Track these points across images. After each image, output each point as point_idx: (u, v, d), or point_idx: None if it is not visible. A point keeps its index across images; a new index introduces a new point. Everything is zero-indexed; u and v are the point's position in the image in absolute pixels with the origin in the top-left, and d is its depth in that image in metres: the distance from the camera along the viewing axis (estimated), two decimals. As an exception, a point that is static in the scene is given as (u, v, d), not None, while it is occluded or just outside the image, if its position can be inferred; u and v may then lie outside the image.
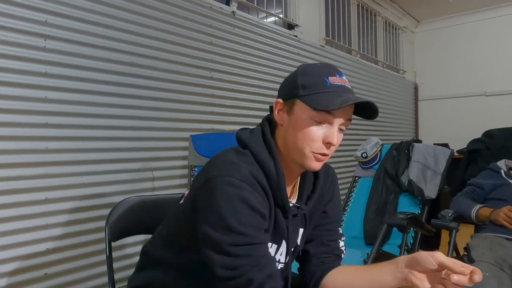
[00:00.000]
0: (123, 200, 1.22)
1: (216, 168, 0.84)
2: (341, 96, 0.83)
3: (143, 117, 2.43)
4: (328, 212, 1.04)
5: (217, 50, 2.91)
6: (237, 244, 0.78)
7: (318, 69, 0.88)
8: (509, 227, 1.67)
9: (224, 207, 0.78)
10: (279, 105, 0.89)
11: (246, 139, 0.90)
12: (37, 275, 1.98)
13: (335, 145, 0.86)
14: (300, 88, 0.85)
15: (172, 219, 0.98)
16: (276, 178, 0.87)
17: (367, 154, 2.36)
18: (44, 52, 1.99)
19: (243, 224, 0.78)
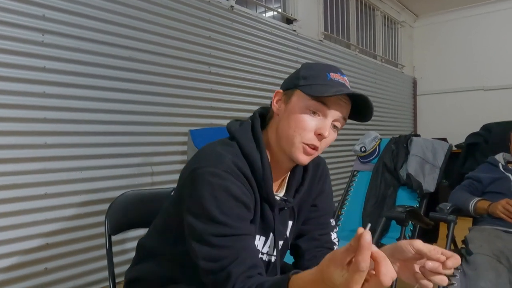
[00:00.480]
0: (123, 194, 1.22)
1: (201, 159, 0.85)
2: (338, 88, 0.84)
3: (142, 112, 2.43)
4: (318, 206, 1.04)
5: (216, 44, 2.90)
6: (220, 234, 0.78)
7: (321, 65, 0.91)
8: (507, 220, 1.68)
9: (207, 197, 0.78)
10: (278, 95, 0.91)
11: (235, 131, 0.91)
12: (37, 269, 1.99)
13: (326, 137, 0.85)
14: (301, 79, 0.87)
15: (164, 211, 0.99)
16: (261, 171, 0.86)
17: (365, 148, 2.37)
18: (42, 47, 1.98)
19: (226, 214, 0.78)
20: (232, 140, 0.90)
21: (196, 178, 0.81)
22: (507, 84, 5.22)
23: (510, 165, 1.95)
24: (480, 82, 5.45)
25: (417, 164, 2.19)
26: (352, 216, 2.23)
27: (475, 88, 5.49)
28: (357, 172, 2.42)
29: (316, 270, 0.61)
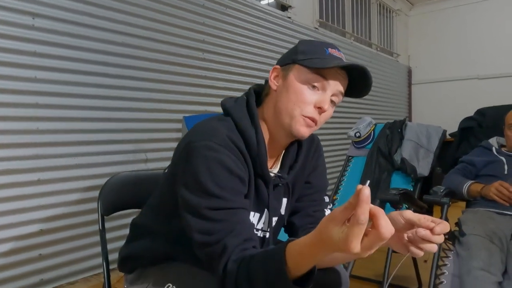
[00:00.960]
0: (116, 175, 1.21)
1: (195, 133, 0.84)
2: (336, 61, 0.85)
3: (135, 98, 2.41)
4: (312, 183, 1.04)
5: (210, 30, 2.87)
6: (215, 207, 0.77)
7: (319, 41, 0.91)
8: (499, 202, 1.69)
9: (202, 170, 0.78)
10: (276, 71, 0.90)
11: (229, 107, 0.90)
12: (32, 255, 1.98)
13: (325, 111, 0.85)
14: (300, 54, 0.87)
15: (158, 189, 0.99)
16: (256, 147, 0.86)
17: (360, 133, 2.37)
18: (33, 31, 1.95)
19: (221, 187, 0.78)
20: (227, 116, 0.89)
21: (190, 151, 0.80)
22: (501, 73, 5.24)
23: (503, 148, 1.95)
24: (474, 71, 5.47)
25: (412, 148, 2.20)
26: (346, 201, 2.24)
27: (470, 77, 5.51)
28: (352, 157, 2.42)
29: (314, 232, 0.61)
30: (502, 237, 1.52)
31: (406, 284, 2.14)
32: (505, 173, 1.81)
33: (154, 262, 0.97)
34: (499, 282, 1.36)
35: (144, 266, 0.99)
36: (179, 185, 0.81)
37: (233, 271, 0.73)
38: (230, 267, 0.73)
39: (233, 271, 0.73)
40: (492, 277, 1.35)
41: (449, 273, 1.52)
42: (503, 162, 1.85)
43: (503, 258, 1.45)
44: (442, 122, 4.88)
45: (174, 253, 0.95)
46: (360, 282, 2.07)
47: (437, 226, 0.68)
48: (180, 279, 0.90)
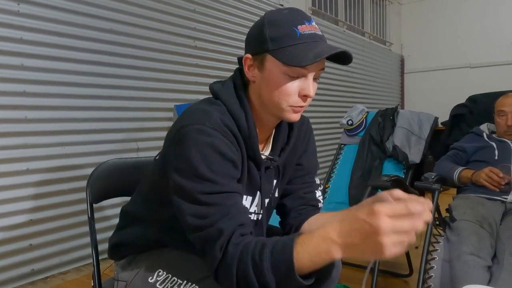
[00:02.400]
0: (105, 162, 1.19)
1: (187, 117, 0.82)
2: (314, 48, 0.78)
3: (126, 86, 2.38)
4: (303, 165, 1.03)
5: (201, 18, 2.84)
6: (208, 192, 0.76)
7: (285, 17, 0.82)
8: (489, 187, 1.70)
9: (195, 155, 0.76)
10: (248, 61, 0.85)
11: (218, 90, 0.88)
12: (22, 245, 1.97)
13: (311, 96, 0.83)
14: (269, 42, 0.80)
15: (149, 176, 0.97)
16: (247, 130, 0.85)
17: (352, 121, 2.36)
18: (18, 17, 1.91)
19: (214, 172, 0.76)
20: (217, 99, 0.88)
21: (183, 136, 0.78)
22: (492, 61, 5.25)
23: (494, 134, 1.96)
24: (466, 60, 5.48)
25: (403, 136, 2.20)
26: (338, 189, 2.24)
27: (462, 66, 5.52)
28: (344, 145, 2.42)
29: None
30: (492, 222, 1.53)
31: (397, 270, 2.16)
32: (495, 159, 1.82)
33: (145, 249, 0.96)
34: (488, 266, 1.37)
35: (135, 253, 0.98)
36: (171, 171, 0.80)
37: (235, 255, 0.71)
38: (232, 250, 0.72)
39: (235, 254, 0.72)
40: (482, 262, 1.36)
41: (439, 258, 1.53)
42: (494, 148, 1.86)
43: (492, 243, 1.46)
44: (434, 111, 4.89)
45: (165, 240, 0.94)
46: (351, 269, 2.08)
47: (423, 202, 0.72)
48: (171, 265, 0.90)
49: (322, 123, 3.98)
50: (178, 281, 0.84)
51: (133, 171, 1.24)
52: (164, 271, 0.88)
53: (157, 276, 0.87)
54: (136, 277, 0.92)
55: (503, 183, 1.68)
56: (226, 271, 0.72)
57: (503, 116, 1.88)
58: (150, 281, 0.87)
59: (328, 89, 4.09)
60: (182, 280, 0.84)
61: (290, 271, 0.66)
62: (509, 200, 1.68)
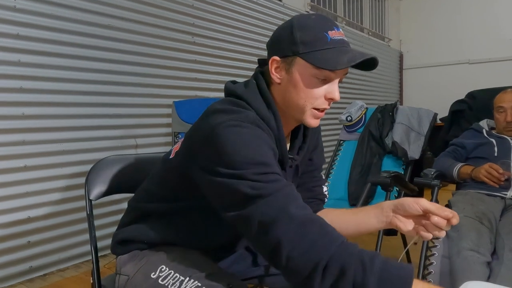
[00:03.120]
0: (104, 159, 1.18)
1: (219, 116, 0.79)
2: (345, 53, 0.80)
3: (124, 82, 2.36)
4: (313, 160, 1.05)
5: (200, 14, 2.82)
6: (262, 172, 0.73)
7: (315, 22, 0.83)
8: (489, 183, 1.69)
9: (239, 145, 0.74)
10: (275, 63, 0.85)
11: (242, 93, 0.86)
12: (20, 242, 1.96)
13: (337, 100, 0.86)
14: (300, 45, 0.81)
15: (160, 173, 0.96)
16: (277, 132, 0.86)
17: (351, 117, 2.36)
18: (15, 12, 1.89)
19: (263, 155, 0.75)
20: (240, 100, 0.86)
21: (221, 133, 0.75)
22: (491, 57, 5.25)
23: (493, 131, 1.96)
24: (465, 56, 5.47)
25: (403, 132, 2.20)
26: (338, 185, 2.24)
27: (461, 62, 5.51)
28: (343, 141, 2.42)
29: None
30: (491, 218, 1.53)
31: (396, 266, 2.16)
32: (495, 155, 1.81)
33: (150, 246, 0.96)
34: (488, 262, 1.37)
35: (140, 249, 0.98)
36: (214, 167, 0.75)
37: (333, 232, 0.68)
38: (323, 222, 0.69)
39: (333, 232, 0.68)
40: (481, 258, 1.36)
41: (439, 254, 1.53)
42: (493, 144, 1.85)
43: (492, 239, 1.46)
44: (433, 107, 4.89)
45: (172, 237, 0.94)
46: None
47: (454, 218, 0.78)
48: (174, 261, 0.89)
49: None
50: (180, 277, 0.84)
51: (132, 168, 1.22)
52: (167, 267, 0.88)
53: (160, 272, 0.87)
54: (138, 272, 0.92)
55: (502, 179, 1.68)
56: (318, 246, 0.65)
57: (502, 112, 1.88)
58: (153, 277, 0.87)
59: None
60: (184, 277, 0.83)
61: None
62: (509, 196, 1.68)
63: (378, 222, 0.87)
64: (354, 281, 0.62)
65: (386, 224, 0.86)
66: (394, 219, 0.85)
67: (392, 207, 0.86)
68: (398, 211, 0.84)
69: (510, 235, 1.43)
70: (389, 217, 0.86)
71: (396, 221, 0.84)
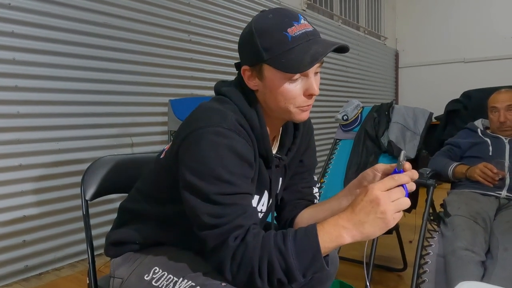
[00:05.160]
0: (100, 159, 1.18)
1: (202, 118, 0.81)
2: (309, 50, 0.78)
3: (120, 81, 2.35)
4: (304, 161, 1.05)
5: (196, 12, 2.81)
6: (226, 193, 0.76)
7: (273, 23, 0.80)
8: (484, 183, 1.71)
9: (212, 157, 0.76)
10: (247, 72, 0.85)
11: (226, 91, 0.88)
12: (16, 242, 1.95)
13: (316, 94, 0.84)
14: (263, 52, 0.80)
15: (152, 174, 0.96)
16: (260, 130, 0.86)
17: (348, 116, 2.36)
18: (9, 10, 1.88)
19: (232, 173, 0.77)
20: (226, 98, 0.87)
21: (199, 137, 0.77)
22: (487, 56, 5.27)
23: (488, 130, 1.97)
24: (460, 54, 5.49)
25: (398, 131, 2.20)
26: (334, 184, 2.24)
27: (456, 60, 5.53)
28: (339, 140, 2.42)
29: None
30: (486, 218, 1.55)
31: (391, 264, 2.17)
32: (489, 155, 1.83)
33: (143, 247, 0.96)
34: (482, 261, 1.38)
35: (133, 250, 0.98)
36: (185, 170, 0.78)
37: (257, 243, 0.74)
38: (252, 240, 0.74)
39: (257, 243, 0.74)
40: (476, 257, 1.37)
41: (434, 253, 1.55)
42: (488, 144, 1.87)
43: (486, 238, 1.48)
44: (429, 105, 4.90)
45: (165, 238, 0.94)
46: (347, 264, 2.09)
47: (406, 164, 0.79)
48: (167, 262, 0.89)
49: (317, 118, 3.98)
50: (174, 278, 0.84)
51: (128, 168, 1.22)
52: (160, 268, 0.88)
53: (153, 273, 0.87)
54: (132, 274, 0.92)
55: (497, 178, 1.69)
56: (246, 260, 0.74)
57: (495, 113, 1.90)
58: (146, 279, 0.87)
59: (323, 84, 4.08)
60: (178, 278, 0.83)
61: (317, 255, 0.72)
62: (503, 196, 1.69)
63: (348, 202, 0.90)
64: (281, 268, 0.73)
65: None
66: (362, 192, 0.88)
67: (357, 183, 0.91)
68: (363, 184, 0.89)
69: (504, 235, 1.45)
70: (355, 193, 0.90)
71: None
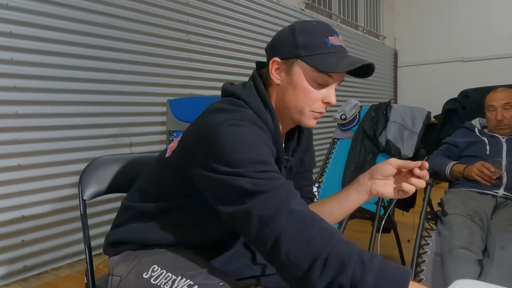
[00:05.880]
0: (97, 158, 1.18)
1: (217, 116, 0.80)
2: (345, 58, 0.83)
3: (118, 81, 2.36)
4: (304, 161, 1.07)
5: (194, 11, 2.81)
6: (262, 170, 0.74)
7: (316, 28, 0.86)
8: (481, 182, 1.71)
9: (238, 144, 0.75)
10: (276, 64, 0.88)
11: (240, 93, 0.88)
12: (14, 242, 1.96)
13: (333, 104, 0.88)
14: (302, 48, 0.84)
15: (154, 172, 0.97)
16: (274, 131, 0.88)
17: (346, 115, 2.37)
18: (7, 10, 1.88)
19: (262, 154, 0.76)
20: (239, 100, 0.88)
21: (220, 132, 0.76)
22: (485, 55, 5.28)
23: (486, 129, 1.98)
24: (459, 54, 5.50)
25: (396, 130, 2.21)
26: (332, 183, 2.25)
27: (455, 60, 5.54)
28: (337, 140, 2.43)
29: None
30: (483, 216, 1.55)
31: (390, 263, 2.18)
32: (487, 154, 1.83)
33: (142, 246, 0.96)
34: (479, 260, 1.39)
35: (132, 249, 0.98)
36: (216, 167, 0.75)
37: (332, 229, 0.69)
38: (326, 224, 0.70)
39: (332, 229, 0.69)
40: (473, 255, 1.38)
41: (431, 252, 1.55)
42: (485, 143, 1.87)
43: (483, 237, 1.48)
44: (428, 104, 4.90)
45: (165, 237, 0.94)
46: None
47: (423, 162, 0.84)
48: (166, 261, 0.89)
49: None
50: (172, 277, 0.84)
51: (126, 168, 1.22)
52: (159, 267, 0.88)
53: (152, 272, 0.87)
54: (130, 273, 0.92)
55: (494, 177, 1.70)
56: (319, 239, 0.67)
57: (492, 111, 1.90)
58: (145, 277, 0.87)
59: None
60: (176, 276, 0.84)
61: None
62: (500, 194, 1.70)
63: (359, 195, 0.90)
64: (352, 277, 0.63)
65: (367, 194, 0.90)
66: (374, 185, 0.89)
67: (368, 176, 0.90)
68: (375, 177, 0.88)
69: (501, 233, 1.45)
70: (367, 185, 0.89)
71: (375, 188, 0.88)
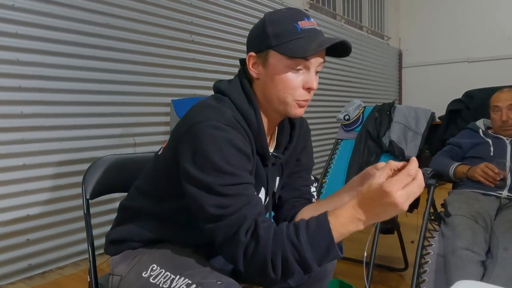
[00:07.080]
0: (101, 158, 1.19)
1: (199, 114, 0.83)
2: (315, 40, 0.82)
3: (122, 81, 2.37)
4: (301, 161, 1.07)
5: (198, 12, 2.82)
6: (229, 184, 0.78)
7: (285, 15, 0.86)
8: (485, 183, 1.71)
9: (212, 150, 0.78)
10: (252, 59, 0.89)
11: (225, 89, 0.90)
12: (20, 241, 1.97)
13: (315, 89, 0.87)
14: (272, 38, 0.84)
15: (150, 171, 0.98)
16: (257, 127, 0.88)
17: (349, 116, 2.36)
18: (13, 11, 1.90)
19: (232, 165, 0.79)
20: (224, 96, 0.90)
21: (198, 132, 0.80)
22: (491, 56, 5.24)
23: (490, 130, 1.97)
24: (464, 54, 5.47)
25: (400, 131, 2.20)
26: (335, 183, 2.24)
27: (460, 60, 5.51)
28: (341, 140, 2.42)
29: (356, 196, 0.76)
30: (486, 217, 1.55)
31: (393, 264, 2.18)
32: (491, 155, 1.82)
33: (142, 244, 0.97)
34: (482, 261, 1.39)
35: (132, 248, 0.99)
36: (187, 165, 0.80)
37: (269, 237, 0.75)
38: (263, 234, 0.76)
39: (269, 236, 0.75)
40: (476, 256, 1.37)
41: (434, 253, 1.55)
42: (489, 144, 1.86)
43: (486, 238, 1.48)
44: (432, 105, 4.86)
45: (164, 235, 0.95)
46: (347, 263, 2.10)
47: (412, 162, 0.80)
48: (165, 260, 0.90)
49: (319, 118, 3.98)
50: (171, 276, 0.85)
51: (129, 167, 1.24)
52: (158, 266, 0.89)
53: (151, 271, 0.88)
54: (130, 272, 0.93)
55: (498, 178, 1.69)
56: (259, 254, 0.75)
57: (497, 112, 1.89)
58: (144, 276, 0.88)
59: (325, 84, 4.08)
60: (175, 275, 0.84)
61: (331, 245, 0.74)
62: (504, 196, 1.69)
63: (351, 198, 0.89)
64: (296, 261, 0.75)
65: None
66: None
67: (358, 180, 0.93)
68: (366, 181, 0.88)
69: (504, 234, 1.44)
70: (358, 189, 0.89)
71: None
